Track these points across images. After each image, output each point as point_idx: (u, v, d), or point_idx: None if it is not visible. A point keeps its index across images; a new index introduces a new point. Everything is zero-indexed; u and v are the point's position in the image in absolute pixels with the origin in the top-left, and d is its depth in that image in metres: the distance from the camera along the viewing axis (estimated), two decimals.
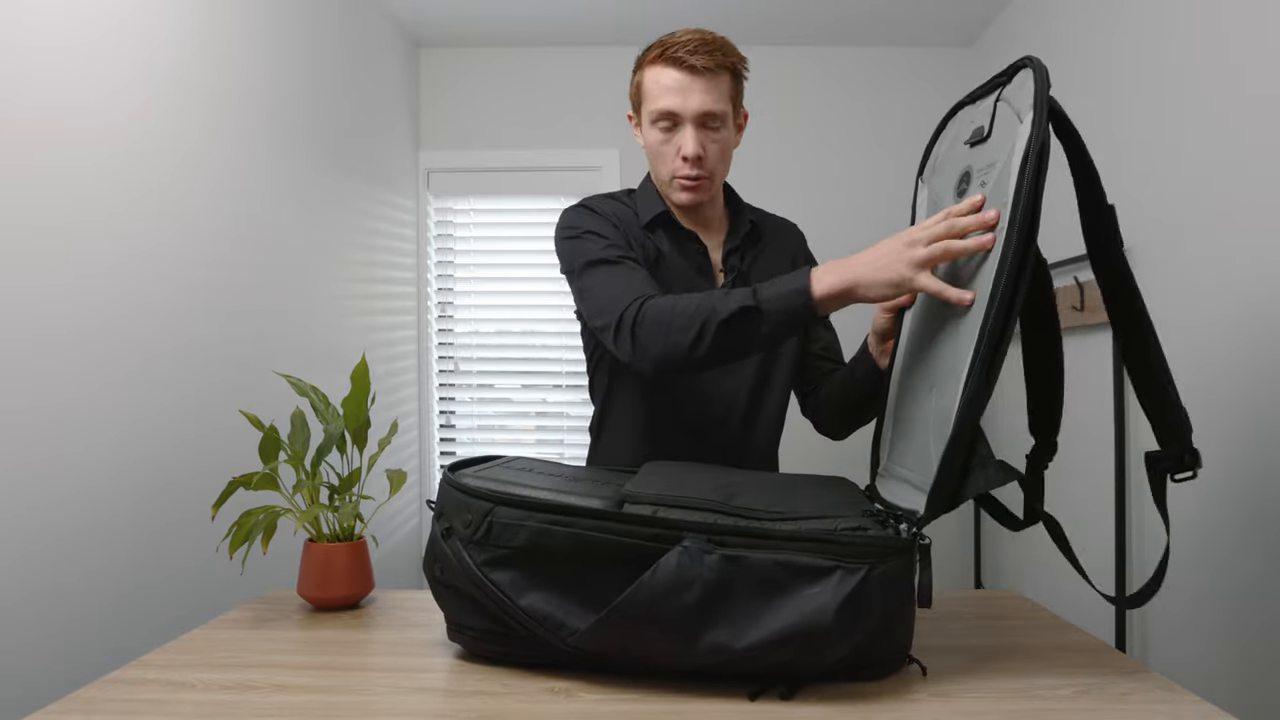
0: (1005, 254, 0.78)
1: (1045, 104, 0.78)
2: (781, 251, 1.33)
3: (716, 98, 1.16)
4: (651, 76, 1.18)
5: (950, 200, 0.94)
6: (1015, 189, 0.78)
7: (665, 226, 1.27)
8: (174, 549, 1.41)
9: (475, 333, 2.83)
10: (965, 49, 2.76)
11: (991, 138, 0.86)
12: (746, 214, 1.32)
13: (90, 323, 1.23)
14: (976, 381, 0.78)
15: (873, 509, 0.85)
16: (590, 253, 1.18)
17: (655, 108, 1.18)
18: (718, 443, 1.26)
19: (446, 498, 0.86)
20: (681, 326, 1.03)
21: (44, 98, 1.15)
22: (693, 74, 1.15)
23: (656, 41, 1.19)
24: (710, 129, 1.18)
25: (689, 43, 1.15)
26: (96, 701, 0.78)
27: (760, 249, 1.31)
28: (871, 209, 2.77)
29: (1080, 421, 2.00)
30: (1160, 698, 0.76)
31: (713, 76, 1.16)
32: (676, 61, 1.15)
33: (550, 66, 2.80)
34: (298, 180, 1.90)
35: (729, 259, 1.28)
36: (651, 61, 1.19)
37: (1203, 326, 1.55)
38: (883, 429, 1.04)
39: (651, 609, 0.75)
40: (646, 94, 1.19)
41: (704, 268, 1.27)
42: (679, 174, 1.20)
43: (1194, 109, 1.57)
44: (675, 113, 1.16)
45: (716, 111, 1.16)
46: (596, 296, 1.15)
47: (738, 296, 1.01)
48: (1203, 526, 1.55)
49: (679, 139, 1.18)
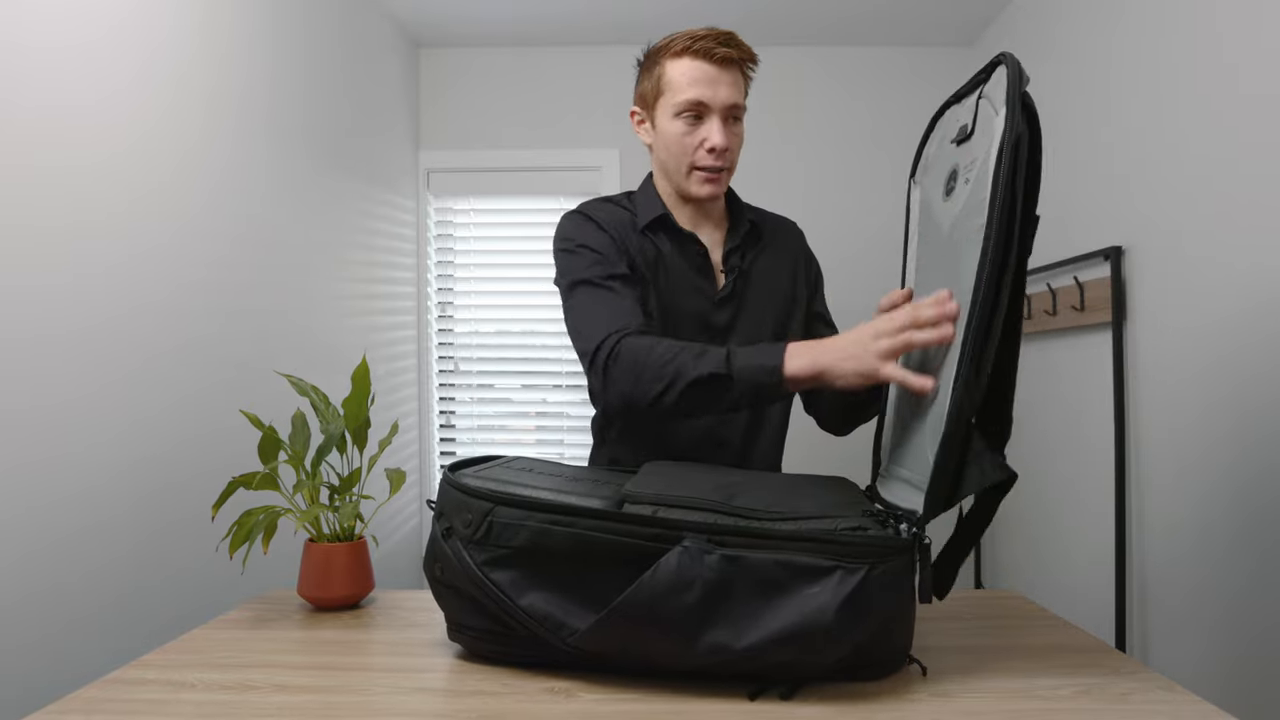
0: (986, 249, 0.78)
1: (1018, 98, 0.78)
2: (782, 251, 1.34)
3: (740, 91, 1.20)
4: (678, 69, 1.19)
5: (939, 200, 0.94)
6: (992, 182, 0.78)
7: (665, 228, 1.28)
8: (174, 549, 1.41)
9: (475, 333, 2.83)
10: (965, 49, 2.76)
11: (974, 134, 0.87)
12: (746, 213, 1.32)
13: (90, 323, 1.23)
14: (966, 377, 0.78)
15: (873, 509, 0.85)
16: (579, 271, 1.19)
17: (683, 98, 1.19)
18: (722, 446, 1.27)
19: (447, 498, 0.86)
20: (652, 376, 1.05)
21: (44, 97, 1.15)
22: (721, 66, 1.18)
23: (678, 36, 1.20)
24: (734, 122, 1.21)
25: (715, 36, 1.18)
26: (96, 701, 0.78)
27: (760, 248, 1.32)
28: (871, 208, 2.77)
29: (1080, 421, 2.00)
30: (1160, 698, 0.76)
31: (736, 71, 1.19)
32: (706, 54, 1.17)
33: (550, 66, 2.80)
34: (298, 180, 1.90)
35: (730, 258, 1.28)
36: (677, 54, 1.20)
37: (1201, 327, 1.55)
38: (883, 429, 1.04)
39: (652, 609, 0.75)
40: (671, 86, 1.20)
41: (704, 268, 1.27)
42: (702, 164, 1.21)
43: (1193, 109, 1.57)
44: (705, 104, 1.18)
45: (740, 104, 1.20)
46: (578, 320, 1.17)
47: (712, 360, 1.02)
48: (1202, 527, 1.55)
49: (704, 130, 1.19)
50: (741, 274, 1.28)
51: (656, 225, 1.27)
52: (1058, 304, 2.05)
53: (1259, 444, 1.40)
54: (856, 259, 2.75)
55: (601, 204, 1.30)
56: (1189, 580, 1.60)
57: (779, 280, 1.32)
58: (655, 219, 1.26)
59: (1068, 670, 0.83)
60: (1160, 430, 1.68)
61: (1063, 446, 2.07)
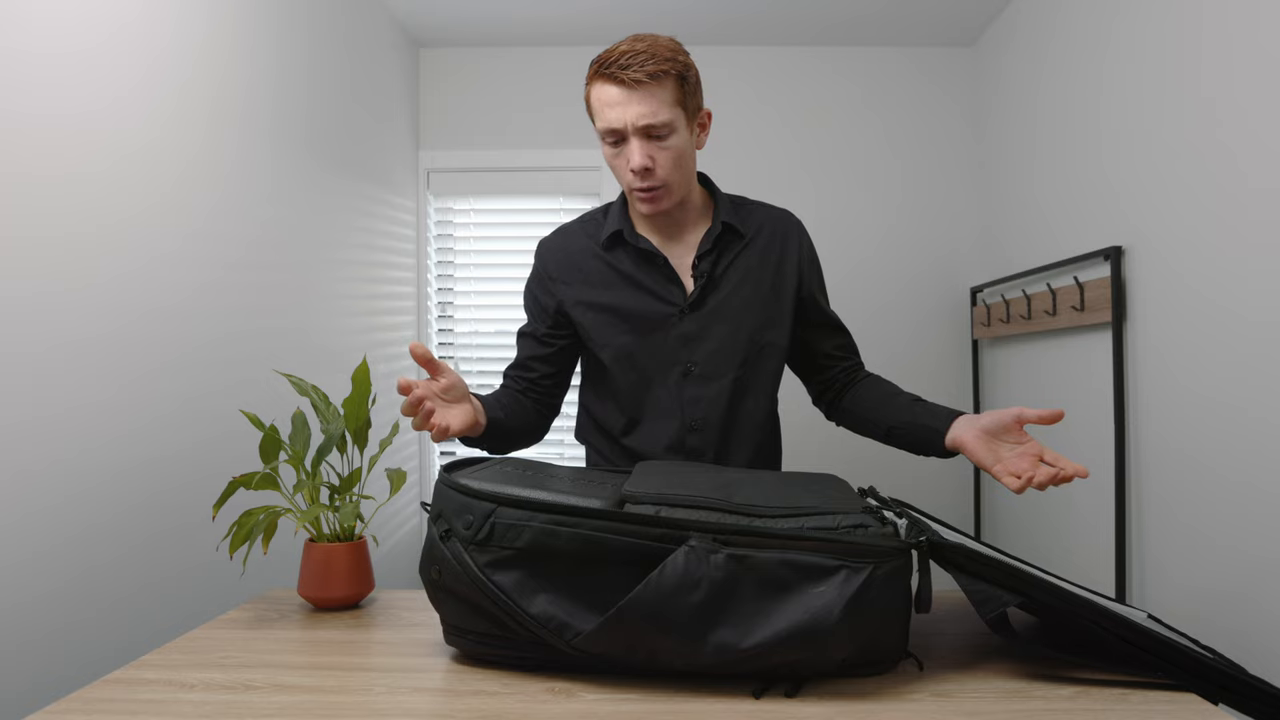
0: None
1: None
2: (768, 247, 1.31)
3: (657, 108, 1.15)
4: (595, 94, 1.18)
5: None
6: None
7: (621, 243, 1.29)
8: (175, 549, 1.41)
9: (475, 333, 2.83)
10: (965, 49, 2.76)
11: None
12: (724, 214, 1.29)
13: (94, 328, 1.23)
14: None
15: (871, 505, 0.86)
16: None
17: (600, 126, 1.19)
18: (698, 447, 1.28)
19: (445, 499, 0.85)
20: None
21: (46, 105, 1.15)
22: (630, 88, 1.14)
23: (597, 57, 1.18)
24: (657, 139, 1.17)
25: (623, 56, 1.14)
26: (96, 701, 0.78)
27: (741, 247, 1.29)
28: (872, 207, 2.77)
29: (1080, 421, 2.00)
30: (1160, 698, 0.76)
31: (651, 88, 1.14)
32: (612, 78, 1.15)
33: (550, 66, 2.80)
34: (299, 181, 1.90)
35: (698, 264, 1.27)
36: (591, 79, 1.18)
37: (1201, 327, 1.55)
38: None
39: (658, 609, 0.75)
40: (593, 112, 1.20)
41: (673, 277, 1.27)
42: (633, 187, 1.21)
43: (1193, 109, 1.57)
44: (617, 129, 1.16)
45: (658, 122, 1.15)
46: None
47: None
48: (1201, 527, 1.55)
49: (627, 151, 1.18)
50: (711, 280, 1.27)
51: (612, 242, 1.29)
52: (1058, 304, 2.05)
53: (1259, 444, 1.40)
54: (856, 257, 2.76)
55: (568, 229, 1.35)
56: (1188, 580, 1.60)
57: (761, 279, 1.29)
58: (610, 235, 1.29)
59: (1068, 670, 0.83)
60: (1160, 430, 1.68)
61: (1063, 446, 2.07)
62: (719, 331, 1.27)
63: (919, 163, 2.77)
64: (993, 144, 2.59)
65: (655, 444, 1.28)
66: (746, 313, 1.28)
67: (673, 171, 1.19)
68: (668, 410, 1.27)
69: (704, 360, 1.26)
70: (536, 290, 1.35)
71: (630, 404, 1.29)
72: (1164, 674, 0.79)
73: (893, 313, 2.75)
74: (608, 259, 1.29)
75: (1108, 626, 0.80)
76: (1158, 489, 1.69)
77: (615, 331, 1.28)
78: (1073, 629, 0.82)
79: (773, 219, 1.34)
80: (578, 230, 1.34)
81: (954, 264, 2.76)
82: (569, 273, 1.31)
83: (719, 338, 1.26)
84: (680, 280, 1.27)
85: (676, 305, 1.26)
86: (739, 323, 1.27)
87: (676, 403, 1.27)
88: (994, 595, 0.80)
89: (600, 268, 1.29)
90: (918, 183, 2.77)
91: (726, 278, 1.28)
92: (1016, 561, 0.88)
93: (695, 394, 1.27)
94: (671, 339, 1.26)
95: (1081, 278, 1.97)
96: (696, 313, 1.26)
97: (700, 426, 1.27)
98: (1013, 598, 0.80)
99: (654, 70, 1.13)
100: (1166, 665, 0.79)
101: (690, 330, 1.26)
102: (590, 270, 1.30)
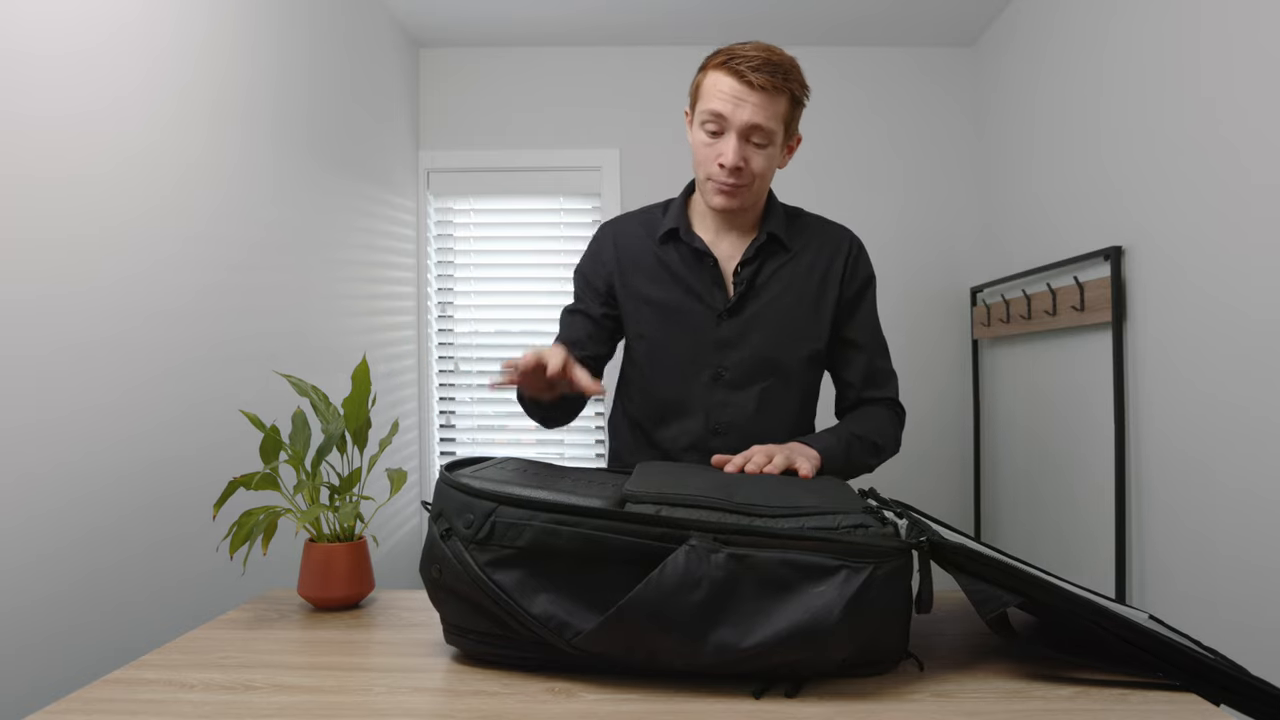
0: None
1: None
2: (815, 261, 1.32)
3: (769, 115, 1.19)
4: (710, 80, 1.22)
5: None
6: None
7: (675, 240, 1.32)
8: (174, 549, 1.41)
9: (475, 333, 2.83)
10: (965, 49, 2.76)
11: None
12: (771, 224, 1.31)
13: (97, 331, 1.23)
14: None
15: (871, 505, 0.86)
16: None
17: (706, 108, 1.21)
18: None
19: (446, 498, 0.85)
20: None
21: (47, 106, 1.14)
22: (750, 88, 1.17)
23: (724, 48, 1.22)
24: (755, 143, 1.21)
25: (754, 58, 1.18)
26: (96, 701, 0.78)
27: (788, 258, 1.31)
28: (872, 207, 2.77)
29: (1080, 421, 2.00)
30: (1160, 698, 0.76)
31: (769, 95, 1.18)
32: (735, 72, 1.18)
33: (550, 66, 2.80)
34: (299, 181, 1.90)
35: (740, 271, 1.30)
36: (715, 66, 1.22)
37: (1201, 327, 1.55)
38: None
39: (659, 608, 0.75)
40: (703, 95, 1.23)
41: (718, 280, 1.30)
42: (715, 178, 1.23)
43: (1193, 109, 1.57)
44: (724, 117, 1.19)
45: (765, 127, 1.19)
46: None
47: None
48: (1202, 527, 1.55)
49: (722, 145, 1.21)
50: (751, 287, 1.29)
51: (666, 238, 1.32)
52: (1058, 304, 2.05)
53: (1259, 444, 1.40)
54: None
55: (628, 219, 1.39)
56: (1189, 581, 1.60)
57: (804, 292, 1.31)
58: (667, 232, 1.32)
59: (1068, 670, 0.83)
60: (1160, 430, 1.68)
61: (1063, 446, 2.07)
62: (754, 340, 1.29)
63: (919, 162, 2.77)
64: (993, 144, 2.59)
65: (678, 442, 1.31)
66: (784, 324, 1.30)
67: (758, 178, 1.24)
68: (695, 410, 1.30)
69: (734, 366, 1.29)
70: (590, 270, 1.39)
71: (659, 400, 1.32)
72: (1164, 674, 0.79)
73: (893, 312, 2.75)
74: (659, 254, 1.33)
75: (1108, 626, 0.80)
76: (1158, 489, 1.69)
77: (654, 326, 1.31)
78: (1073, 629, 0.82)
79: (825, 233, 1.36)
80: (636, 221, 1.38)
81: (954, 264, 2.76)
82: (623, 258, 1.35)
83: (753, 345, 1.29)
84: (725, 285, 1.30)
85: (716, 309, 1.29)
86: (774, 333, 1.29)
87: (704, 404, 1.29)
88: (994, 595, 0.80)
89: (651, 263, 1.33)
90: (919, 182, 2.77)
91: (768, 287, 1.30)
92: (1016, 561, 0.88)
93: (723, 398, 1.29)
94: (708, 341, 1.29)
95: (1082, 277, 1.97)
96: (734, 319, 1.29)
97: (724, 430, 1.29)
98: (1013, 598, 0.80)
99: (777, 83, 1.18)
100: (1167, 666, 0.79)
101: (726, 335, 1.29)
102: (642, 262, 1.33)
